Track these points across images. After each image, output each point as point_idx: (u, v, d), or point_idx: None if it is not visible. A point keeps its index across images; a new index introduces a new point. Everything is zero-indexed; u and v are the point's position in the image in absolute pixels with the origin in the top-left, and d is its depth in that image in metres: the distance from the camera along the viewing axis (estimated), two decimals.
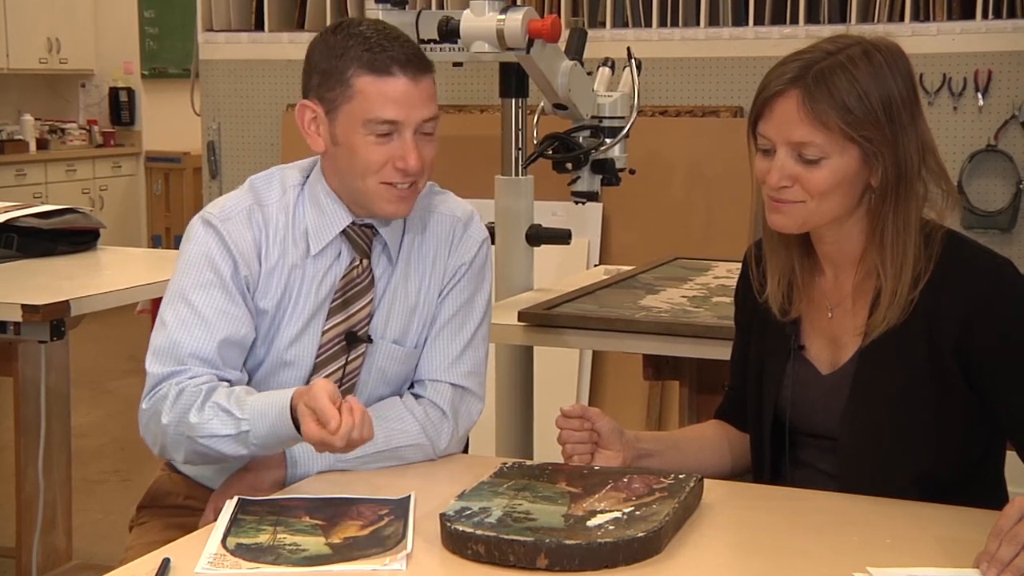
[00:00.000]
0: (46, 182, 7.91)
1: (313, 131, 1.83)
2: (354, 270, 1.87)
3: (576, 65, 2.85)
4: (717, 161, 4.40)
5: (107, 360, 6.43)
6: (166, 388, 1.77)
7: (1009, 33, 4.15)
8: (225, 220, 1.84)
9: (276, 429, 1.68)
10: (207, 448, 1.74)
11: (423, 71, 1.79)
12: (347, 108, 1.78)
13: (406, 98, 1.77)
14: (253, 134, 5.16)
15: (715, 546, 1.54)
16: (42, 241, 3.34)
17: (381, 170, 1.79)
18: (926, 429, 1.69)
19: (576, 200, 3.00)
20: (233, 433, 1.71)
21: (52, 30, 8.19)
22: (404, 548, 1.48)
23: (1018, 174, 4.20)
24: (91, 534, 3.76)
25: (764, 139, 1.69)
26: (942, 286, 1.68)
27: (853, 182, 1.67)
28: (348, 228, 1.86)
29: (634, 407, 4.29)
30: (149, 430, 1.81)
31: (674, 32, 4.55)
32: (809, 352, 1.80)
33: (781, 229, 1.73)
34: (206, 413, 1.73)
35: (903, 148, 1.66)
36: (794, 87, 1.64)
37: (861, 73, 1.64)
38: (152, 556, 1.49)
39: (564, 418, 1.80)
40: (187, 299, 1.81)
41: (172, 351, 1.79)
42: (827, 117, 1.63)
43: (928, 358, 1.68)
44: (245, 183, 1.91)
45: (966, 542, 1.48)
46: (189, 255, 1.84)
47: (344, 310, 1.87)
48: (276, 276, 1.85)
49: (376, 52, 1.76)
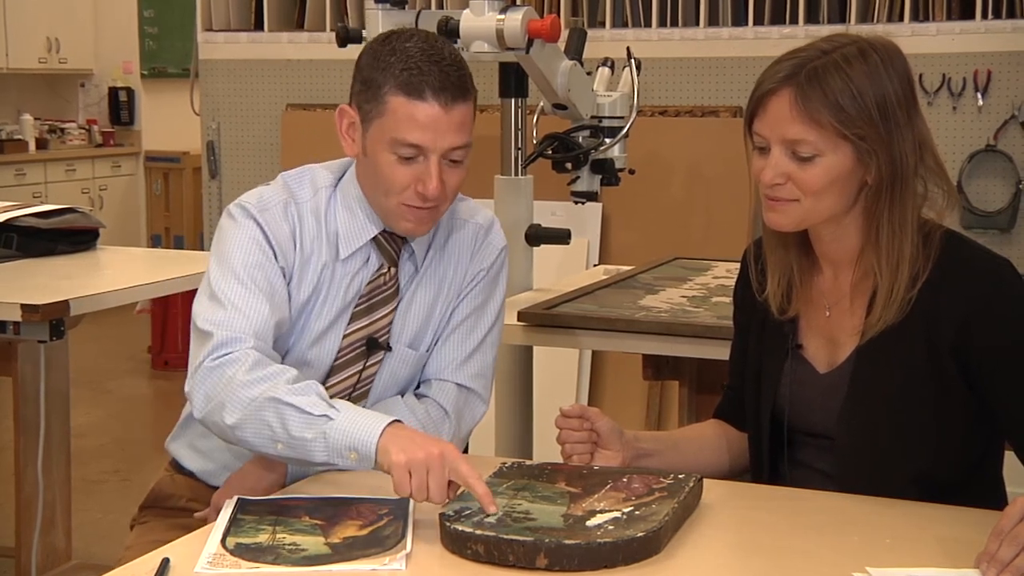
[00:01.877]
0: (46, 182, 7.91)
1: (349, 136, 1.83)
2: (380, 277, 1.87)
3: (575, 65, 2.85)
4: (716, 161, 4.40)
5: (107, 360, 6.43)
6: (240, 352, 1.72)
7: (1008, 33, 4.15)
8: (263, 211, 1.83)
9: (354, 437, 1.61)
10: (277, 417, 1.65)
11: (458, 99, 1.76)
12: (378, 123, 1.77)
13: (434, 124, 1.75)
14: (252, 134, 5.15)
15: (714, 546, 1.54)
16: (42, 241, 3.34)
17: (403, 192, 1.78)
18: (924, 429, 1.69)
19: (576, 200, 3.00)
20: (316, 414, 1.64)
21: (51, 30, 8.19)
22: (404, 548, 1.48)
23: (1017, 174, 4.20)
24: (90, 534, 3.76)
25: (759, 137, 1.69)
26: (941, 286, 1.68)
27: (847, 180, 1.67)
28: (379, 235, 1.86)
29: (634, 407, 4.29)
30: (205, 386, 1.72)
31: (673, 32, 4.55)
32: (807, 351, 1.80)
33: (777, 227, 1.73)
34: (299, 387, 1.67)
35: (898, 146, 1.66)
36: (787, 85, 1.65)
37: (855, 72, 1.64)
38: (151, 556, 1.49)
39: (563, 418, 1.80)
40: (240, 278, 1.78)
41: (236, 323, 1.75)
42: (820, 115, 1.63)
43: (927, 358, 1.68)
44: (278, 179, 1.90)
45: (966, 542, 1.48)
46: (236, 238, 1.81)
47: (367, 315, 1.87)
48: (309, 271, 1.85)
49: (414, 73, 1.74)
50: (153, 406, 5.90)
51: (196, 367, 1.74)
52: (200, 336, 1.77)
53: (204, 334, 1.76)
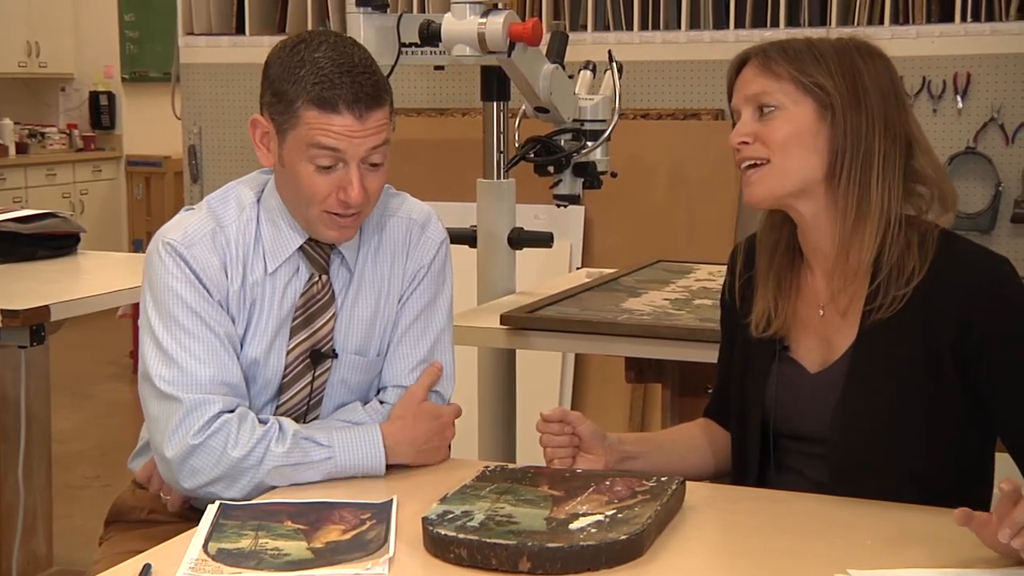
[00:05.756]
0: (26, 186, 7.88)
1: (264, 146, 1.81)
2: (313, 286, 1.85)
3: (557, 68, 2.85)
4: (699, 164, 4.41)
5: (88, 365, 6.41)
6: (219, 422, 1.73)
7: (988, 36, 4.17)
8: (190, 246, 1.80)
9: (360, 460, 1.78)
10: (282, 479, 1.74)
11: (372, 107, 1.74)
12: (294, 134, 1.75)
13: (350, 134, 1.73)
14: (234, 138, 5.14)
15: (697, 548, 1.54)
16: (22, 246, 3.32)
17: (325, 200, 1.77)
18: (919, 428, 1.69)
19: (558, 203, 3.00)
20: (319, 459, 1.76)
21: (31, 34, 8.16)
22: (386, 552, 1.47)
23: (997, 176, 4.22)
24: (72, 540, 3.74)
25: (735, 111, 1.76)
26: (939, 285, 1.68)
27: (810, 135, 1.70)
28: (304, 245, 1.84)
29: (617, 410, 4.29)
30: (192, 461, 1.73)
31: (655, 35, 4.56)
32: (798, 351, 1.80)
33: (756, 203, 1.75)
34: (289, 441, 1.74)
35: (867, 120, 1.69)
36: (755, 54, 1.74)
37: (823, 44, 1.72)
38: (133, 562, 1.48)
39: (544, 422, 1.80)
40: (184, 326, 1.76)
41: (199, 379, 1.74)
42: (779, 68, 1.71)
43: (925, 357, 1.68)
44: (203, 204, 1.87)
45: (948, 543, 1.48)
46: (167, 284, 1.78)
47: (307, 327, 1.85)
48: (242, 296, 1.82)
49: (326, 87, 1.72)
50: (135, 411, 5.82)
51: (174, 438, 1.73)
52: (163, 399, 1.75)
53: (168, 398, 1.74)
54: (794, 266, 1.81)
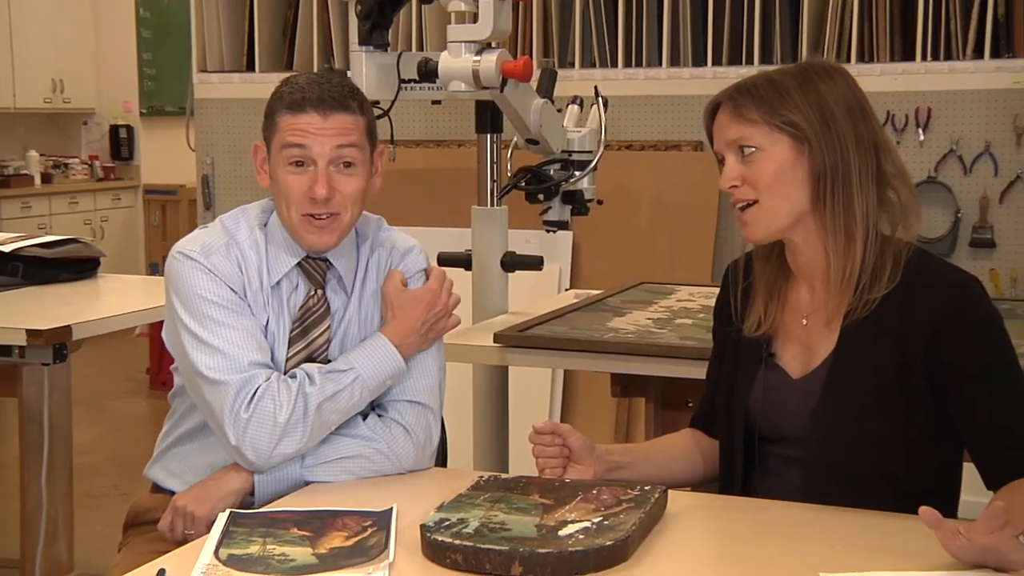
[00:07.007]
0: (50, 214, 7.87)
1: (263, 170, 1.89)
2: (310, 299, 1.88)
3: (547, 103, 2.86)
4: (679, 191, 4.42)
5: (106, 381, 6.38)
6: (261, 388, 1.77)
7: (946, 74, 4.19)
8: (208, 255, 1.85)
9: (381, 366, 1.82)
10: (333, 413, 1.78)
11: (337, 109, 1.81)
12: (275, 143, 1.84)
13: (314, 130, 1.80)
14: (245, 168, 5.13)
15: (678, 553, 1.53)
16: (46, 269, 3.32)
17: (301, 201, 1.82)
18: (893, 432, 1.68)
19: (548, 229, 3.00)
20: (350, 382, 1.79)
21: (56, 71, 8.17)
22: (387, 557, 1.46)
23: (956, 204, 4.23)
24: (91, 546, 3.71)
25: (717, 154, 1.76)
26: (912, 299, 1.68)
27: (792, 171, 1.70)
28: (303, 261, 1.89)
29: (603, 422, 4.28)
30: (250, 436, 1.76)
31: (638, 72, 4.57)
32: (782, 358, 1.80)
33: (752, 240, 1.76)
34: (318, 379, 1.78)
35: (839, 140, 1.68)
36: (725, 101, 1.74)
37: (784, 77, 1.72)
38: (148, 567, 1.47)
39: (536, 434, 1.79)
40: (216, 318, 1.81)
41: (240, 361, 1.79)
42: (750, 112, 1.71)
43: (898, 366, 1.67)
44: (216, 222, 1.92)
45: (916, 547, 1.47)
46: (192, 282, 1.83)
47: (303, 338, 1.87)
48: (259, 301, 1.87)
49: (296, 94, 1.82)
50: (150, 424, 5.84)
51: (231, 418, 1.76)
52: (214, 386, 1.78)
53: (216, 383, 1.78)
54: (781, 276, 1.81)
